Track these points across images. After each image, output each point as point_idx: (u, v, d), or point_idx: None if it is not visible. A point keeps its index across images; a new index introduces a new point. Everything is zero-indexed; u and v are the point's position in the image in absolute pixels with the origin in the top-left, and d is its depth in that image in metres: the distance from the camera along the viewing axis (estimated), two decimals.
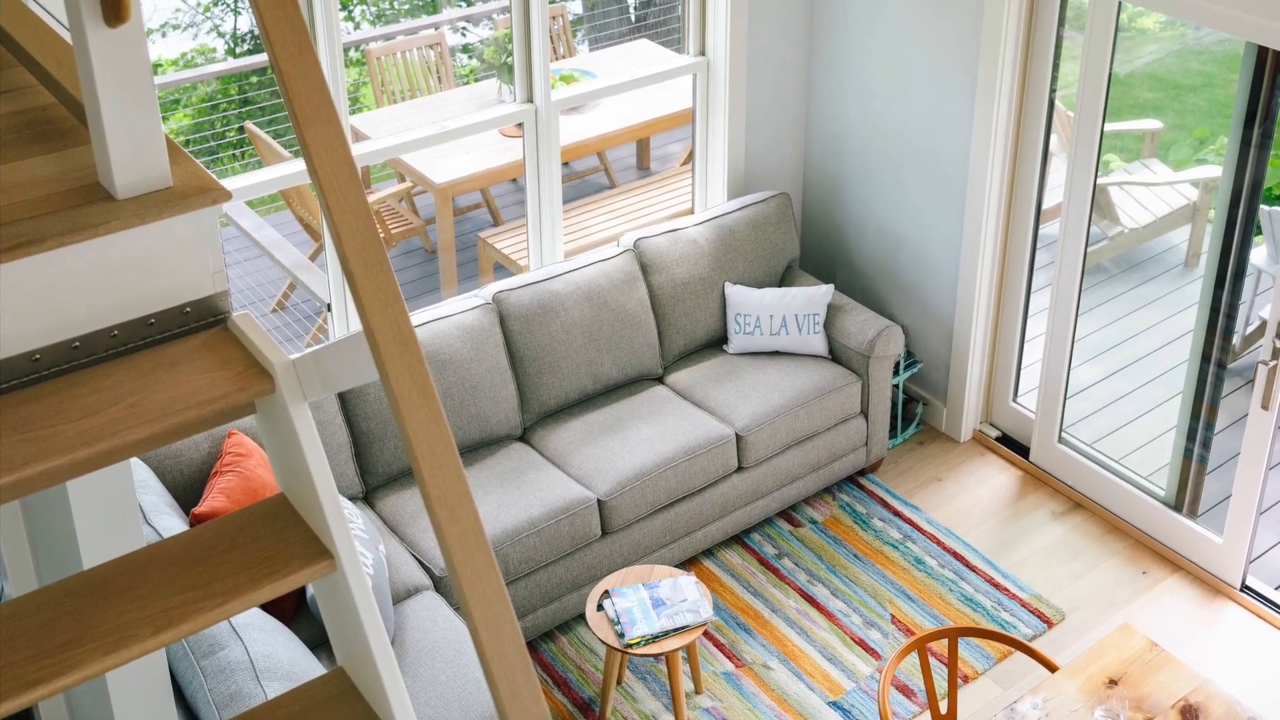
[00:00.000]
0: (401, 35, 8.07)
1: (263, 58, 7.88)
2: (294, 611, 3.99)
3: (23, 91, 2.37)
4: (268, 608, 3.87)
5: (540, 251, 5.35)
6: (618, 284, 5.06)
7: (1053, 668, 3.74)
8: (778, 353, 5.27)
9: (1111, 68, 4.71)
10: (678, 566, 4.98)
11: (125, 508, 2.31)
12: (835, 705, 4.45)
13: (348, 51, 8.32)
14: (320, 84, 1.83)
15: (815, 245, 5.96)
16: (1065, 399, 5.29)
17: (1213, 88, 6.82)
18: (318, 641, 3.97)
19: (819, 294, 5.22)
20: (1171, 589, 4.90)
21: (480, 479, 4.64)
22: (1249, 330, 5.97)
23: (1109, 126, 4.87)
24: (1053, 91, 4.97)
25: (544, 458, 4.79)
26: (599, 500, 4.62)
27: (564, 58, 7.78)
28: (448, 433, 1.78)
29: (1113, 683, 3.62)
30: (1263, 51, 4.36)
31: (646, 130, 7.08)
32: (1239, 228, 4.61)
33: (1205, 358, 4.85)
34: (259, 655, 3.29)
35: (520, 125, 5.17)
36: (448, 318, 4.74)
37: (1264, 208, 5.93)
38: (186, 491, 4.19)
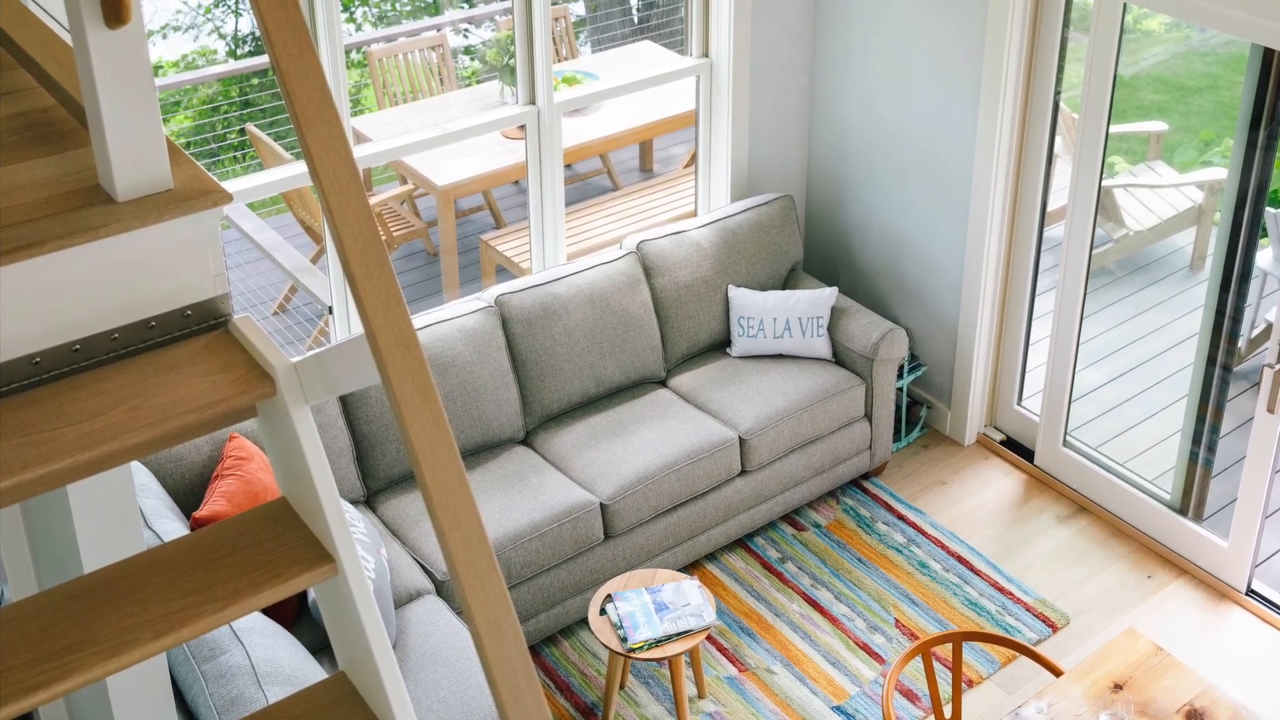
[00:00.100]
0: (403, 37, 8.06)
1: (264, 59, 7.88)
2: (295, 615, 3.98)
3: (23, 93, 2.37)
4: (269, 612, 3.86)
5: (543, 254, 5.34)
6: (620, 287, 5.05)
7: (1057, 672, 3.73)
8: (781, 356, 5.25)
9: (1116, 69, 4.70)
10: (681, 570, 4.97)
11: (126, 511, 2.31)
12: (839, 710, 4.43)
13: (349, 53, 8.32)
14: (322, 86, 1.83)
15: (819, 248, 5.95)
16: (1070, 402, 5.27)
17: (1218, 90, 6.80)
18: (319, 646, 3.96)
19: (822, 297, 5.21)
20: (1177, 593, 4.89)
21: (482, 482, 4.63)
22: (1254, 333, 5.96)
23: (1114, 128, 4.86)
24: (1057, 93, 4.96)
25: (546, 461, 4.78)
26: (602, 504, 4.61)
27: (566, 59, 7.77)
28: (450, 436, 1.78)
29: (1118, 687, 3.61)
30: (1268, 53, 4.34)
31: (649, 132, 7.07)
32: (1244, 230, 4.60)
33: (1211, 361, 4.84)
34: (260, 659, 3.28)
35: (522, 127, 5.16)
36: (449, 320, 4.73)
37: (1269, 210, 5.91)
38: (187, 495, 4.18)
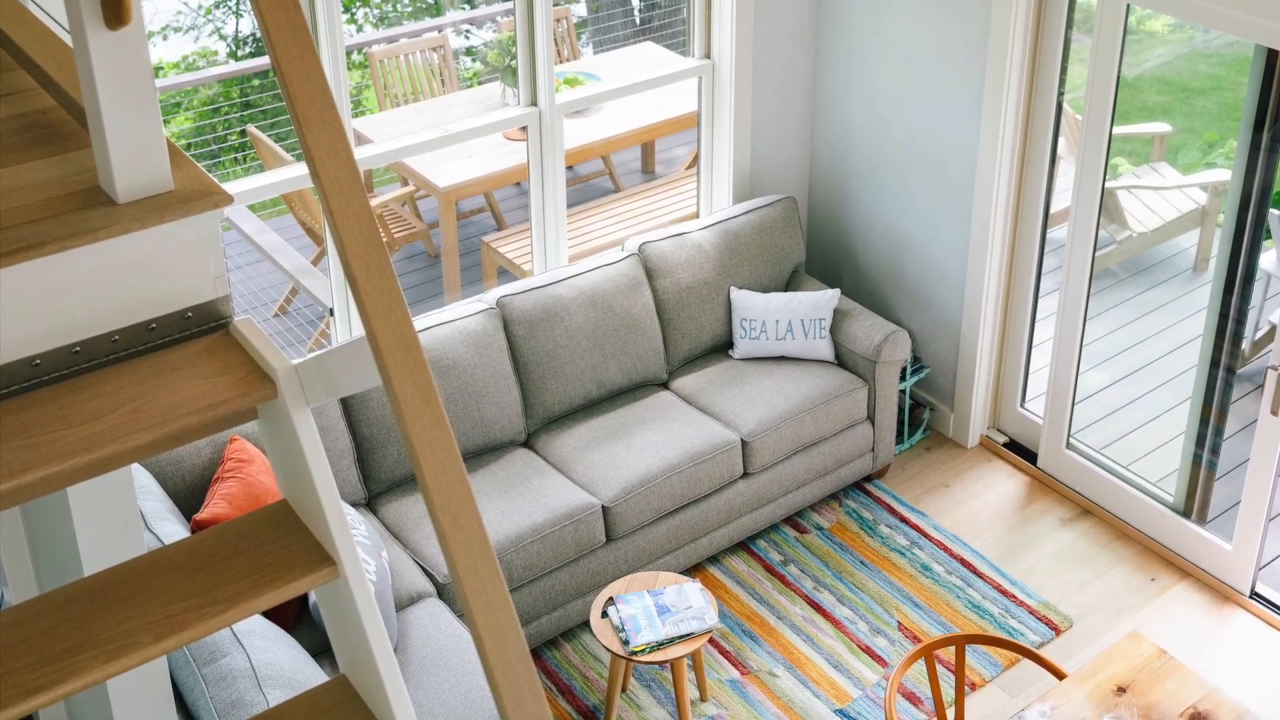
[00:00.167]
0: (404, 38, 8.06)
1: (265, 61, 7.88)
2: (296, 618, 3.98)
3: (23, 95, 2.36)
4: (270, 614, 3.86)
5: (544, 256, 5.33)
6: (622, 289, 5.04)
7: (1061, 675, 3.72)
8: (783, 358, 5.25)
9: (1120, 71, 4.70)
10: (683, 573, 4.96)
11: (126, 514, 2.31)
12: (841, 713, 4.42)
13: (350, 54, 8.32)
14: (323, 87, 1.83)
15: (821, 249, 5.94)
16: (1073, 404, 5.26)
17: (1222, 91, 6.79)
18: (320, 649, 3.95)
19: (825, 298, 5.20)
20: (1180, 596, 4.88)
21: (484, 485, 4.62)
22: (1258, 335, 5.95)
23: (1117, 130, 4.86)
24: (1060, 95, 4.95)
25: (548, 463, 4.77)
26: (603, 506, 4.60)
27: (568, 60, 7.76)
28: (451, 438, 1.78)
29: (1121, 690, 3.60)
30: (1272, 54, 4.34)
31: (651, 134, 7.07)
32: (1248, 232, 4.59)
33: (1214, 363, 4.83)
34: (261, 663, 3.27)
35: (524, 129, 5.16)
36: (451, 322, 4.72)
37: (1274, 211, 5.89)
38: (188, 497, 4.18)
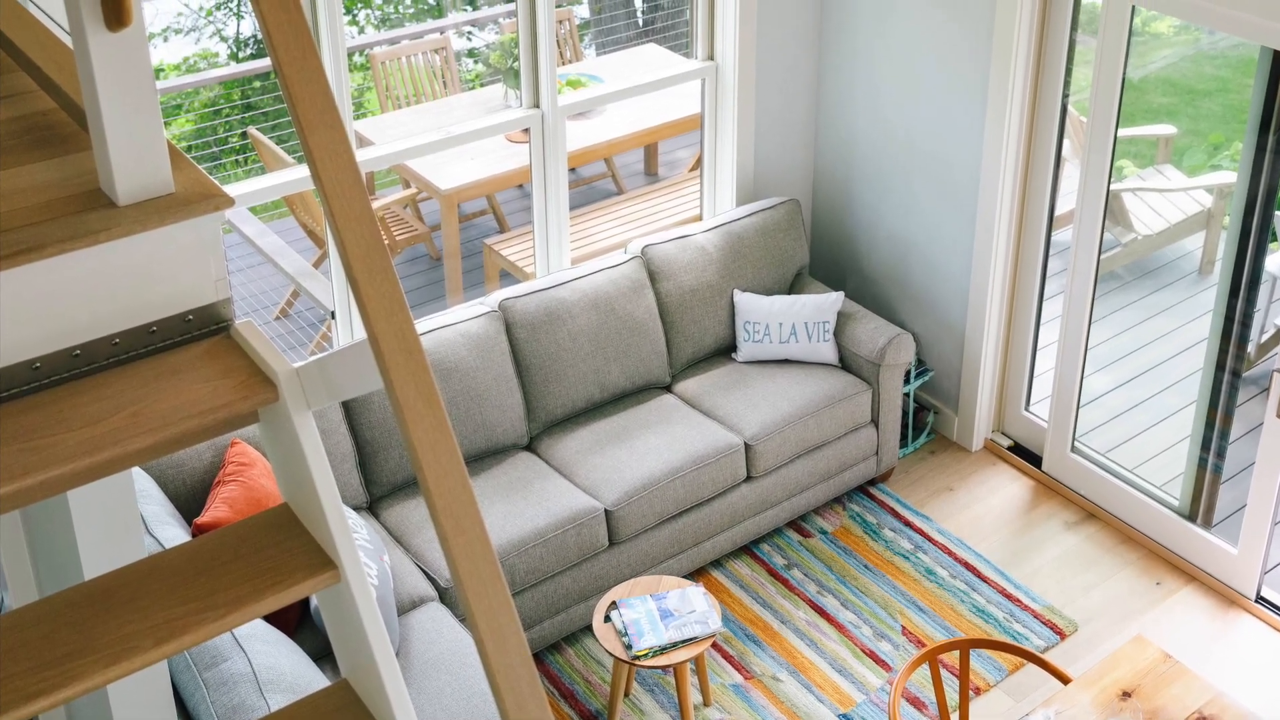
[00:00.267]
0: (406, 40, 8.05)
1: (266, 62, 7.87)
2: (297, 623, 3.97)
3: (23, 96, 2.36)
4: (271, 619, 3.85)
5: (547, 258, 5.33)
6: (625, 291, 5.03)
7: (1065, 680, 3.71)
8: (787, 361, 5.23)
9: (1125, 72, 4.68)
10: (686, 577, 4.95)
11: (127, 518, 2.31)
12: (845, 718, 4.41)
13: (352, 56, 8.31)
14: (324, 89, 1.83)
15: (825, 252, 5.93)
16: (1078, 408, 5.25)
17: (1227, 93, 6.78)
18: (321, 653, 3.94)
19: (829, 301, 5.19)
20: (1185, 600, 4.86)
21: (486, 489, 4.61)
22: (1264, 338, 5.94)
23: (1122, 132, 4.84)
24: (1065, 97, 4.94)
25: (550, 467, 4.76)
26: (606, 510, 4.58)
27: (571, 62, 7.76)
28: (453, 442, 1.78)
29: (1126, 695, 3.59)
30: (1278, 56, 4.32)
31: (654, 136, 7.06)
32: (1254, 234, 4.58)
33: (1220, 366, 4.81)
34: (262, 667, 3.26)
35: (526, 131, 5.15)
36: (453, 325, 4.71)
37: (1279, 214, 5.89)
38: (189, 501, 4.17)
